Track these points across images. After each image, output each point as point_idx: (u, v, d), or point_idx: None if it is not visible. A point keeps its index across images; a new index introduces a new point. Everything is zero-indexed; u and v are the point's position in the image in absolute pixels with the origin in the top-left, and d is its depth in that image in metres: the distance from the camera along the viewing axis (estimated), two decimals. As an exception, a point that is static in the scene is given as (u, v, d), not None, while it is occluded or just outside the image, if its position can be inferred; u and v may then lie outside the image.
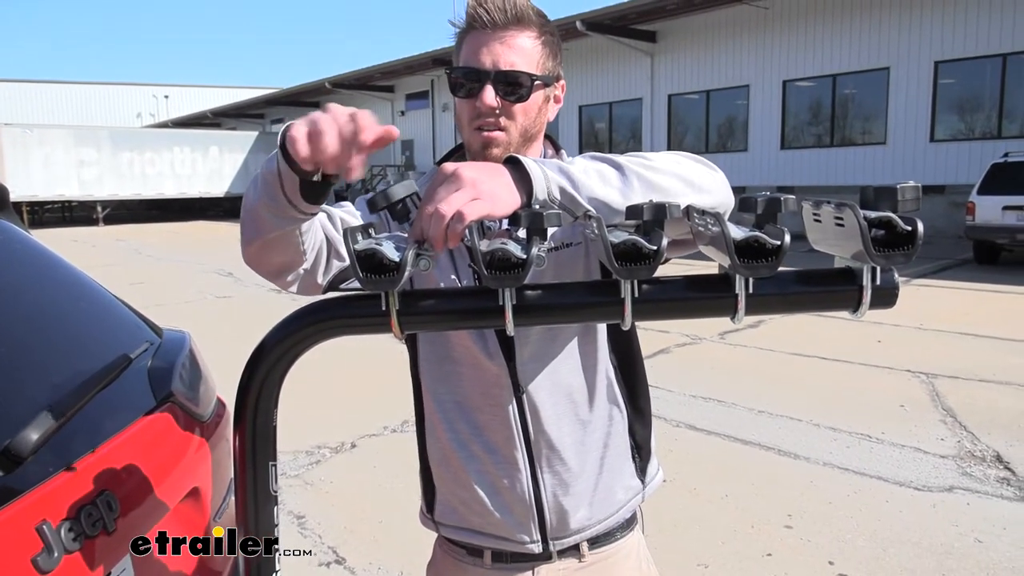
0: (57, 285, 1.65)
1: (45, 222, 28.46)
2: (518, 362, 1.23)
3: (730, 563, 3.21)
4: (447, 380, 1.28)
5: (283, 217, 1.00)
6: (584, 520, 1.29)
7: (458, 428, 1.28)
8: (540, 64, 1.20)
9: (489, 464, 1.27)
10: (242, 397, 0.92)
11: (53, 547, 1.06)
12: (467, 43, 1.20)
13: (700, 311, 0.87)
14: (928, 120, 16.04)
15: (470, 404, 1.27)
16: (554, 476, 1.27)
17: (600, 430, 1.30)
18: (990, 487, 3.86)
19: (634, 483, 1.35)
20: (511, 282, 0.80)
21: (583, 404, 1.28)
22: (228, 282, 12.00)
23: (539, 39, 1.20)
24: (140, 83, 55.06)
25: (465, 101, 1.20)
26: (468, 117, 1.21)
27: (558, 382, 1.25)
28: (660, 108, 21.11)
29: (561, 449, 1.26)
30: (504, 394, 1.24)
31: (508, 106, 1.19)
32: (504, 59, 1.17)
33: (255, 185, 1.01)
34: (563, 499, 1.27)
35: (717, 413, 5.12)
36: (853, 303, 0.84)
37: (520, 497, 1.26)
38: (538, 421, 1.25)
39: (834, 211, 0.80)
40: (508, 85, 1.18)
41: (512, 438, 1.25)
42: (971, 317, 7.96)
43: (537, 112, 1.23)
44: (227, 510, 1.64)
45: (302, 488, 4.04)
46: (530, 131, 1.23)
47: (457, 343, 1.25)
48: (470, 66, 1.18)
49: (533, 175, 0.93)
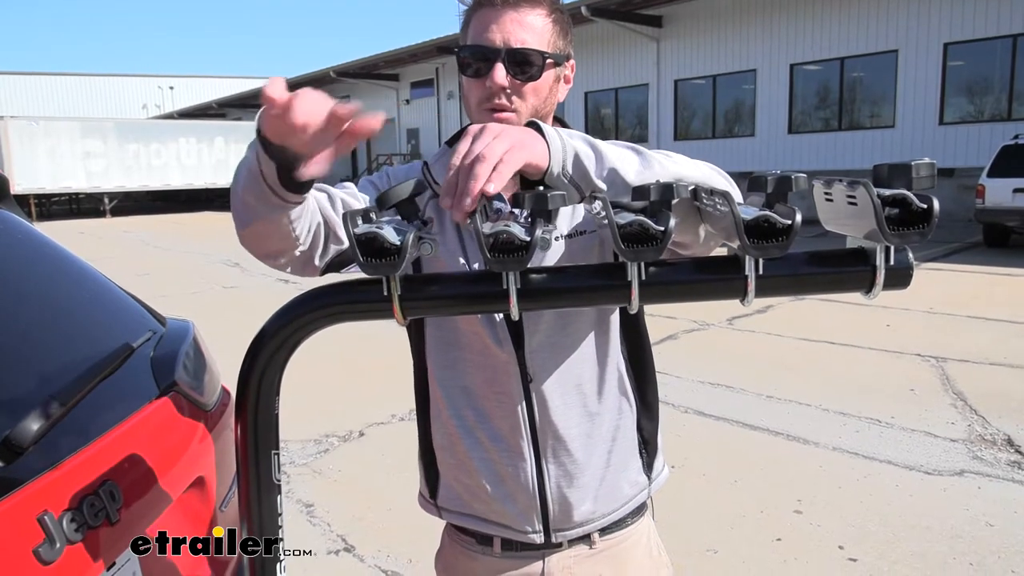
0: (58, 274, 1.64)
1: (53, 215, 28.55)
2: (527, 350, 1.21)
3: (740, 548, 3.20)
4: (454, 366, 1.26)
5: (267, 204, 0.97)
6: (588, 513, 1.27)
7: (464, 415, 1.26)
8: (551, 42, 1.17)
9: (494, 452, 1.25)
10: (243, 385, 0.91)
11: (55, 538, 1.05)
12: (475, 21, 1.17)
13: (709, 293, 0.85)
14: (937, 103, 15.89)
15: (477, 391, 1.25)
16: (559, 467, 1.25)
17: (608, 423, 1.28)
18: (1001, 471, 3.84)
19: (640, 479, 1.33)
20: (515, 265, 0.78)
21: (592, 396, 1.26)
22: (235, 272, 12.01)
23: (549, 17, 1.17)
24: (145, 74, 55.03)
25: (474, 81, 1.17)
26: (477, 97, 1.18)
27: (567, 372, 1.23)
28: (666, 93, 20.97)
29: (568, 440, 1.24)
30: (512, 382, 1.22)
31: (519, 85, 1.15)
32: (515, 37, 1.13)
33: (239, 174, 0.99)
34: (567, 491, 1.25)
35: (725, 399, 5.10)
36: (866, 284, 0.82)
37: (524, 487, 1.25)
38: (545, 411, 1.23)
39: (846, 189, 0.78)
40: (519, 64, 1.14)
41: (518, 427, 1.23)
42: (981, 301, 7.90)
43: (548, 92, 1.20)
44: (232, 500, 1.63)
45: (311, 477, 4.04)
46: (541, 111, 1.20)
47: (466, 329, 1.23)
48: (479, 44, 1.15)
49: (550, 138, 0.91)
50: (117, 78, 53.64)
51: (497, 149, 0.84)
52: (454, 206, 0.83)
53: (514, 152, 0.86)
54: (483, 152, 0.84)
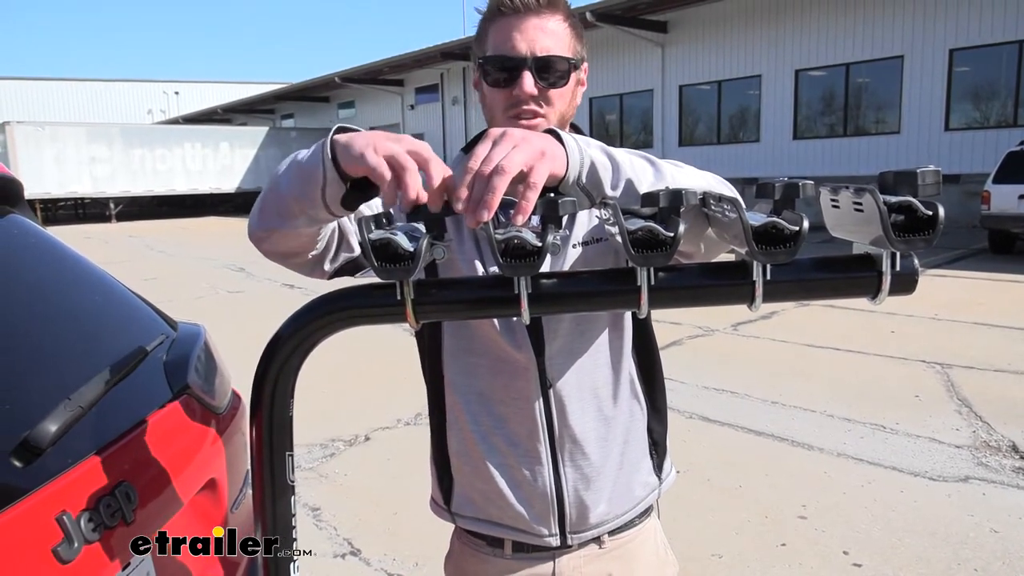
0: (72, 279, 1.66)
1: (59, 219, 28.66)
2: (547, 355, 1.21)
3: (744, 554, 3.20)
4: (470, 372, 1.26)
5: (311, 216, 0.97)
6: (603, 515, 1.28)
7: (480, 420, 1.26)
8: (571, 47, 1.19)
9: (511, 457, 1.26)
10: (258, 387, 0.92)
11: (73, 537, 1.07)
12: (496, 29, 1.17)
13: (717, 298, 0.87)
14: (943, 109, 15.87)
15: (493, 396, 1.25)
16: (576, 470, 1.26)
17: (622, 426, 1.29)
18: (1006, 477, 3.83)
19: (651, 479, 1.35)
20: (526, 270, 0.79)
21: (607, 399, 1.27)
22: (240, 277, 12.05)
23: (567, 22, 1.19)
24: (151, 80, 55.25)
25: (499, 90, 1.18)
26: (503, 106, 1.18)
27: (584, 376, 1.24)
28: (671, 99, 20.99)
29: (584, 443, 1.25)
30: (531, 387, 1.23)
31: (546, 92, 1.17)
32: (540, 44, 1.14)
33: (288, 177, 0.97)
34: (584, 493, 1.26)
35: (730, 404, 5.10)
36: (872, 289, 0.83)
37: (541, 491, 1.25)
38: (563, 415, 1.24)
39: (853, 196, 0.79)
40: (546, 71, 1.15)
41: (536, 431, 1.24)
42: (986, 307, 7.89)
43: (571, 97, 1.22)
44: (244, 501, 1.65)
45: (317, 481, 4.06)
46: (566, 116, 1.22)
47: (483, 335, 1.23)
48: (504, 54, 1.16)
49: (569, 148, 0.92)
50: (123, 83, 53.85)
51: (517, 160, 0.83)
52: (469, 212, 0.82)
53: (540, 165, 0.84)
54: (503, 164, 0.82)
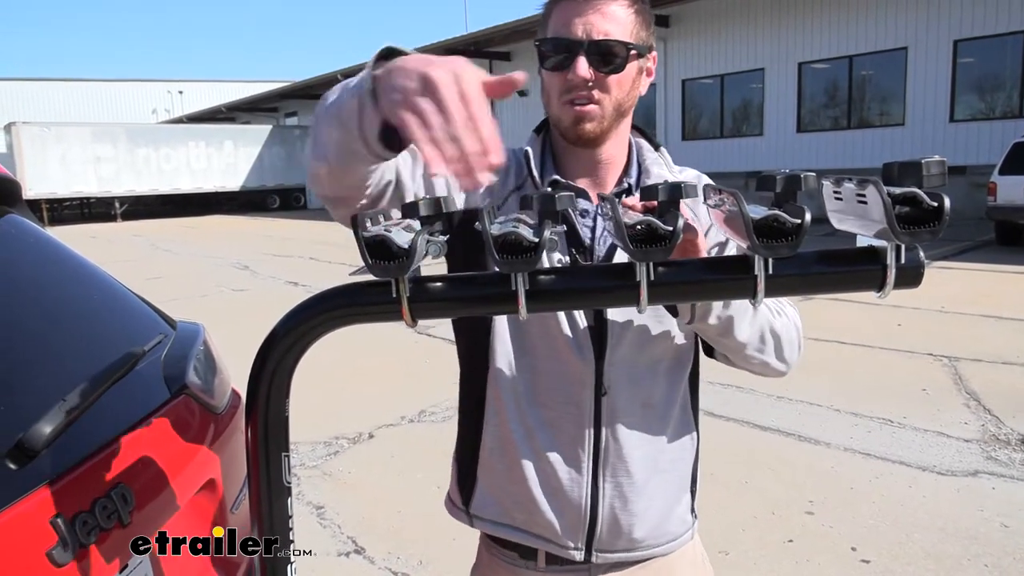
0: (69, 278, 1.65)
1: (64, 219, 28.75)
2: (607, 361, 1.17)
3: (751, 550, 3.19)
4: (522, 371, 1.20)
5: (348, 152, 0.88)
6: (634, 543, 1.24)
7: (524, 420, 1.21)
8: (634, 34, 1.14)
9: (548, 462, 1.21)
10: (254, 387, 0.91)
11: (68, 541, 1.06)
12: (557, 12, 1.14)
13: (718, 293, 0.85)
14: (947, 100, 15.80)
15: (540, 399, 1.20)
16: (616, 487, 1.21)
17: (669, 452, 1.25)
18: (1016, 471, 3.81)
19: (688, 517, 1.31)
20: (523, 266, 0.77)
21: (656, 420, 1.22)
22: (244, 275, 12.06)
23: (632, 7, 1.15)
24: (154, 79, 55.34)
25: (555, 74, 1.15)
26: (558, 90, 1.15)
27: (640, 389, 1.20)
28: (674, 93, 20.93)
29: (629, 460, 1.21)
30: (584, 392, 1.18)
31: (602, 78, 1.13)
32: (598, 28, 1.11)
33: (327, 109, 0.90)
34: (619, 512, 1.21)
35: (736, 399, 5.08)
36: (877, 283, 0.81)
37: (576, 502, 1.20)
38: (613, 426, 1.19)
39: (856, 188, 0.77)
40: (602, 56, 1.12)
41: (581, 439, 1.19)
42: (993, 299, 7.85)
43: (631, 85, 1.18)
44: (243, 502, 1.64)
45: (320, 479, 4.05)
46: (624, 105, 1.18)
47: (543, 331, 1.18)
48: (561, 36, 1.13)
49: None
50: (127, 83, 53.94)
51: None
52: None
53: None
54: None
